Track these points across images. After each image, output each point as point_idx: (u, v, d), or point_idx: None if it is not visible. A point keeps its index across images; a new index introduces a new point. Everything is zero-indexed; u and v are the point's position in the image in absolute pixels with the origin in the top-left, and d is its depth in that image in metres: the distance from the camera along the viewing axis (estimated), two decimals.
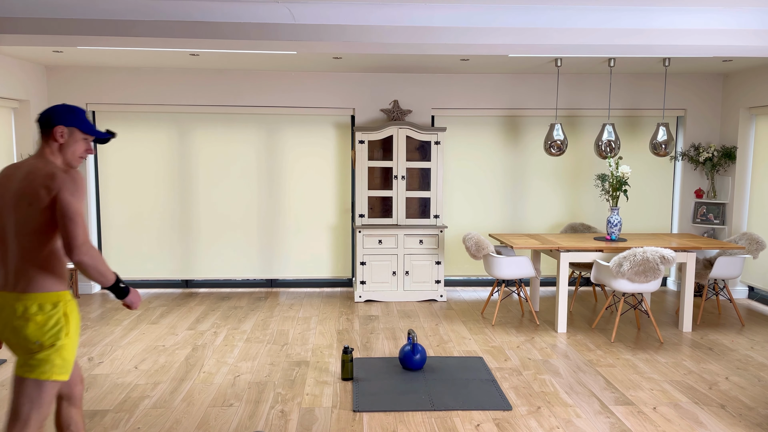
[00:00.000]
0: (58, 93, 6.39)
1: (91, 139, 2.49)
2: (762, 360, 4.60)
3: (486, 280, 7.12)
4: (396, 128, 6.18)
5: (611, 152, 5.94)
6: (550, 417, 3.57)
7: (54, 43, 4.38)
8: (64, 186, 2.24)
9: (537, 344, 4.93)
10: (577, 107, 6.75)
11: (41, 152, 2.37)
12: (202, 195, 6.69)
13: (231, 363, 4.46)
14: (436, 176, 6.24)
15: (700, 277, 5.57)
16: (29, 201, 2.25)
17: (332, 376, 4.21)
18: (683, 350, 4.80)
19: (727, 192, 6.57)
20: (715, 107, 6.77)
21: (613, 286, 4.99)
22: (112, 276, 2.34)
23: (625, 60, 5.77)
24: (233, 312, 5.87)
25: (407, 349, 4.26)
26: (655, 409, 3.68)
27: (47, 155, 2.36)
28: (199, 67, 6.38)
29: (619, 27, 4.48)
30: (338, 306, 6.12)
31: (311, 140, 6.70)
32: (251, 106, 6.56)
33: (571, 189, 6.90)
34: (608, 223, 5.54)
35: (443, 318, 5.68)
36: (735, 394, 3.94)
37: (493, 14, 4.40)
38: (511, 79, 6.68)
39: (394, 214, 6.26)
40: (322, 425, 3.45)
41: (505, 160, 6.84)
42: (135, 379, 4.14)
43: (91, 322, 5.47)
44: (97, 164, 6.61)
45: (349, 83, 6.58)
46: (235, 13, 4.27)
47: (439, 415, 3.59)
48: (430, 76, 6.62)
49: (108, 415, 3.57)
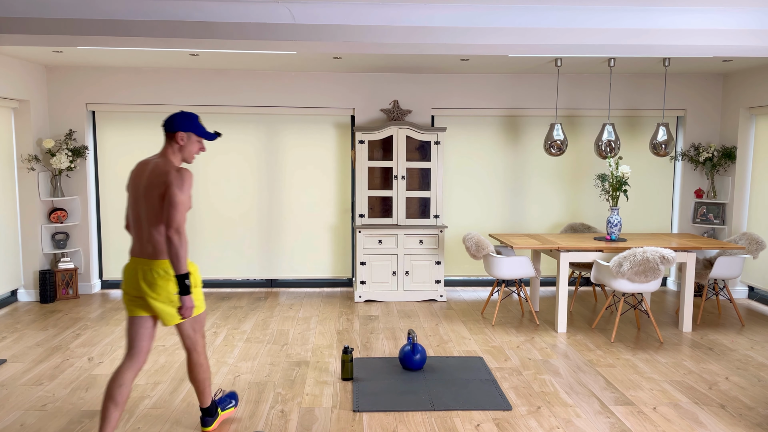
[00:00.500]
0: (58, 93, 6.39)
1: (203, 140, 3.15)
2: (762, 360, 4.60)
3: (486, 280, 7.12)
4: (396, 128, 6.18)
5: (611, 152, 5.94)
6: (550, 417, 3.57)
7: (54, 43, 4.38)
8: (174, 181, 2.89)
9: (537, 344, 4.93)
10: (577, 107, 6.75)
11: (164, 151, 3.04)
12: (202, 195, 6.69)
13: (231, 363, 4.46)
14: (436, 176, 6.24)
15: (700, 277, 5.57)
16: (154, 192, 2.93)
17: (332, 376, 4.21)
18: (683, 350, 4.81)
19: (727, 192, 6.57)
20: (715, 107, 6.77)
21: (613, 286, 4.99)
22: (185, 269, 2.89)
23: (625, 60, 5.77)
24: (233, 312, 5.87)
25: (407, 349, 4.26)
26: (655, 409, 3.68)
27: (169, 154, 3.03)
28: (199, 67, 6.38)
29: (619, 27, 4.47)
30: (338, 306, 6.12)
31: (311, 140, 6.70)
32: (251, 106, 6.56)
33: (571, 189, 6.90)
34: (608, 223, 5.55)
35: (443, 318, 5.68)
36: (735, 394, 3.94)
37: (493, 14, 4.40)
38: (511, 79, 6.68)
39: (394, 214, 6.26)
40: (322, 425, 3.45)
41: (505, 160, 6.84)
42: (135, 379, 4.14)
43: (91, 322, 5.47)
44: (97, 164, 6.61)
45: (349, 83, 6.58)
46: (235, 13, 4.27)
47: (439, 415, 3.59)
48: (430, 76, 6.62)
49: None
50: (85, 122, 6.43)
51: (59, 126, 6.41)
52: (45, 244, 6.27)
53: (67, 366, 4.37)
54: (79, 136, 6.42)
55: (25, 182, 6.14)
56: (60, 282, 6.27)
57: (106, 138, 6.59)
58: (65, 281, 6.30)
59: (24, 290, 6.26)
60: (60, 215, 6.28)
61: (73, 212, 6.47)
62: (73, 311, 5.85)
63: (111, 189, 6.63)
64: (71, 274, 6.32)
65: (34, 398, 3.81)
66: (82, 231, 6.51)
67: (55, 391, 3.93)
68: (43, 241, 6.24)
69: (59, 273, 6.25)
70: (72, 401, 3.76)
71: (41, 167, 6.24)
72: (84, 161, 6.43)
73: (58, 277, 6.25)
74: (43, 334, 5.11)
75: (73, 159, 6.22)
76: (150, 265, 2.97)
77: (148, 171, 3.00)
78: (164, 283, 2.97)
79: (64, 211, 6.32)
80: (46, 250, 6.27)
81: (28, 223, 6.19)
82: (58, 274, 6.25)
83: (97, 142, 6.60)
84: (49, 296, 6.16)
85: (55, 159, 6.07)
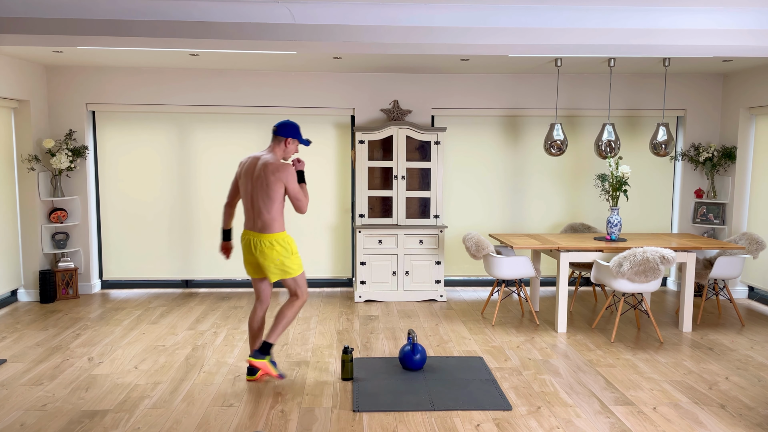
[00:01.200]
0: (58, 93, 6.39)
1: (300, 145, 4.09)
2: (762, 360, 4.60)
3: (486, 280, 7.12)
4: (396, 128, 6.18)
5: (611, 152, 5.94)
6: (550, 417, 3.57)
7: (54, 43, 4.38)
8: (290, 178, 3.83)
9: (537, 344, 4.93)
10: (577, 107, 6.75)
11: (272, 149, 3.93)
12: (203, 195, 6.69)
13: (231, 363, 4.46)
14: (436, 176, 6.24)
15: (700, 277, 5.57)
16: (264, 181, 3.83)
17: (332, 376, 4.21)
18: (683, 350, 4.81)
19: (727, 192, 6.57)
20: (715, 107, 6.77)
21: (613, 286, 4.99)
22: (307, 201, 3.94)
23: (625, 60, 5.77)
24: (233, 312, 5.87)
25: (407, 349, 4.26)
26: (655, 409, 3.68)
27: (276, 152, 3.93)
28: (199, 67, 6.38)
29: (619, 27, 4.47)
30: (338, 306, 6.12)
31: (311, 140, 6.69)
32: (251, 106, 6.56)
33: (571, 189, 6.90)
34: (608, 223, 5.55)
35: (443, 318, 5.68)
36: (735, 394, 3.94)
37: (493, 14, 4.40)
38: (511, 79, 6.68)
39: (394, 214, 6.26)
40: (322, 425, 3.45)
41: (505, 160, 6.84)
42: (135, 379, 4.14)
43: (91, 322, 5.47)
44: (97, 164, 6.61)
45: (349, 83, 6.58)
46: (235, 13, 4.27)
47: (439, 415, 3.59)
48: (430, 76, 6.62)
49: (108, 415, 3.57)
50: (85, 122, 6.43)
51: (59, 126, 6.41)
52: (45, 244, 6.27)
53: (67, 366, 4.37)
54: (79, 136, 6.42)
55: (25, 182, 6.14)
56: (60, 282, 6.27)
57: (106, 138, 6.59)
58: (65, 281, 6.30)
59: (24, 290, 6.26)
60: (60, 215, 6.28)
61: (73, 212, 6.47)
62: (73, 311, 5.85)
63: (111, 189, 6.64)
64: (71, 274, 6.32)
65: (34, 398, 3.81)
66: (82, 231, 6.51)
67: (55, 391, 3.93)
68: (43, 241, 6.25)
69: (59, 273, 6.25)
70: (72, 401, 3.76)
71: (41, 167, 6.24)
72: (84, 161, 6.43)
73: (58, 277, 6.25)
74: (43, 334, 5.11)
75: (73, 159, 6.22)
76: (259, 237, 3.90)
77: (260, 164, 3.88)
78: (269, 251, 3.88)
79: (64, 211, 6.32)
80: (46, 250, 6.27)
81: (28, 223, 6.19)
82: (58, 274, 6.25)
83: (97, 142, 6.60)
84: (49, 296, 6.16)
85: (55, 159, 6.07)
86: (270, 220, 3.86)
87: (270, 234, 3.88)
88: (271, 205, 3.85)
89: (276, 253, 3.88)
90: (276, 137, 3.93)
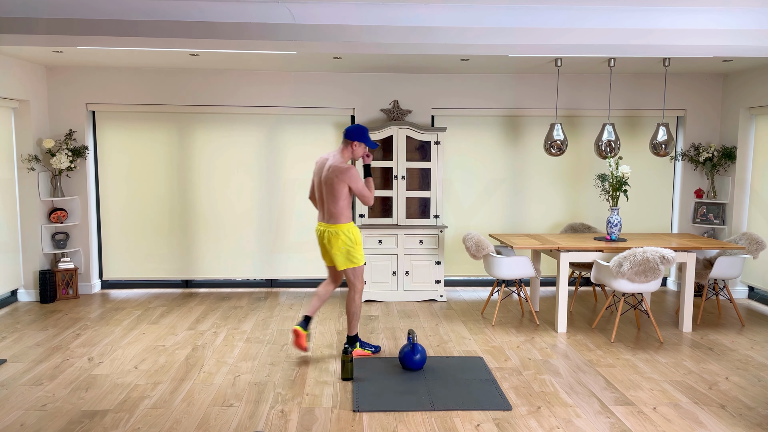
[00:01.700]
0: (58, 93, 6.39)
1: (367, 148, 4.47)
2: (762, 360, 4.60)
3: (486, 280, 7.12)
4: (396, 128, 6.18)
5: (611, 152, 5.94)
6: (550, 417, 3.57)
7: (54, 43, 4.38)
8: (351, 179, 4.28)
9: (537, 344, 4.93)
10: (577, 107, 6.75)
11: (341, 151, 4.38)
12: (202, 195, 6.69)
13: (231, 363, 4.46)
14: (436, 176, 6.24)
15: (700, 277, 5.57)
16: (331, 180, 4.30)
17: (332, 376, 4.21)
18: (683, 350, 4.81)
19: (727, 192, 6.57)
20: (715, 107, 6.77)
21: (613, 286, 4.99)
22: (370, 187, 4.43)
23: (625, 60, 5.77)
24: (233, 312, 5.87)
25: (407, 349, 4.26)
26: (655, 409, 3.68)
27: (344, 154, 4.37)
28: (199, 67, 6.38)
29: (619, 27, 4.47)
30: (338, 306, 6.12)
31: (311, 140, 6.70)
32: (251, 106, 6.56)
33: (571, 189, 6.90)
34: (608, 223, 5.54)
35: (443, 318, 5.68)
36: (735, 394, 3.94)
37: (493, 14, 4.40)
38: (511, 79, 6.68)
39: (394, 214, 6.26)
40: (322, 425, 3.45)
41: (505, 160, 6.84)
42: (135, 379, 4.14)
43: (91, 322, 5.47)
44: (97, 164, 6.61)
45: (349, 83, 6.58)
46: (235, 13, 4.27)
47: (439, 415, 3.59)
48: (430, 76, 6.62)
49: (108, 415, 3.57)
50: (85, 122, 6.43)
51: (59, 126, 6.41)
52: (45, 244, 6.27)
53: (67, 366, 4.37)
54: (79, 136, 6.42)
55: (25, 182, 6.14)
56: (60, 282, 6.27)
57: (106, 138, 6.59)
58: (65, 281, 6.30)
59: (24, 290, 6.26)
60: (60, 215, 6.28)
61: (73, 212, 6.47)
62: (73, 311, 5.85)
63: (111, 189, 6.64)
64: (71, 274, 6.32)
65: (34, 398, 3.81)
66: (82, 231, 6.51)
67: (55, 391, 3.93)
68: (43, 241, 6.25)
69: (59, 273, 6.25)
70: (72, 401, 3.76)
71: (41, 167, 6.24)
72: (84, 161, 6.43)
73: (58, 277, 6.25)
74: (43, 334, 5.11)
75: (73, 159, 6.22)
76: (330, 228, 4.38)
77: (328, 164, 4.35)
78: (336, 240, 4.37)
79: (64, 211, 6.32)
80: (46, 250, 6.27)
81: (28, 223, 6.19)
82: (58, 274, 6.25)
83: (97, 142, 6.60)
84: (49, 296, 6.16)
85: (55, 159, 6.07)
86: (337, 213, 4.35)
87: (336, 224, 4.37)
88: (336, 202, 4.33)
89: (341, 242, 4.36)
90: (345, 140, 4.36)
